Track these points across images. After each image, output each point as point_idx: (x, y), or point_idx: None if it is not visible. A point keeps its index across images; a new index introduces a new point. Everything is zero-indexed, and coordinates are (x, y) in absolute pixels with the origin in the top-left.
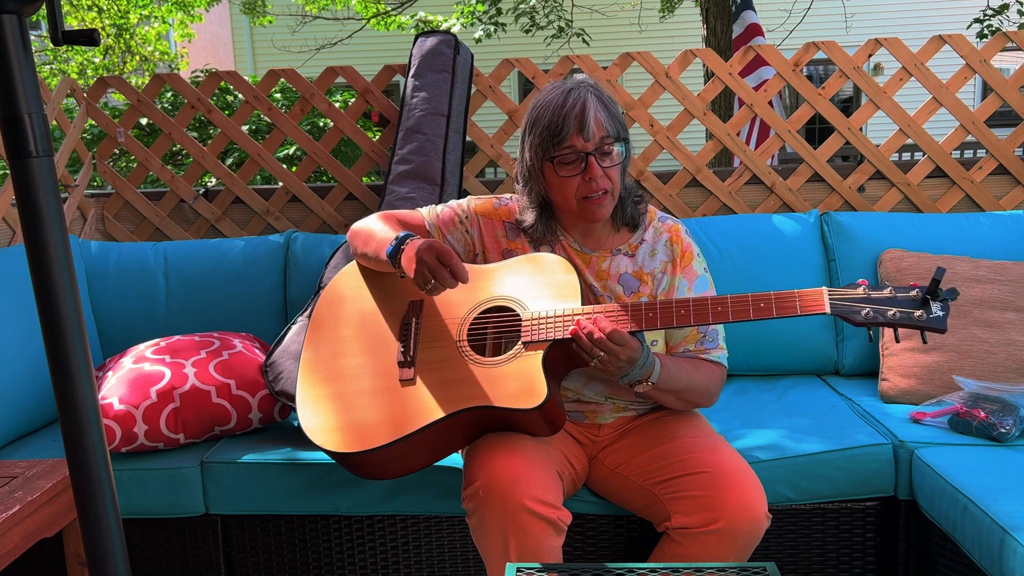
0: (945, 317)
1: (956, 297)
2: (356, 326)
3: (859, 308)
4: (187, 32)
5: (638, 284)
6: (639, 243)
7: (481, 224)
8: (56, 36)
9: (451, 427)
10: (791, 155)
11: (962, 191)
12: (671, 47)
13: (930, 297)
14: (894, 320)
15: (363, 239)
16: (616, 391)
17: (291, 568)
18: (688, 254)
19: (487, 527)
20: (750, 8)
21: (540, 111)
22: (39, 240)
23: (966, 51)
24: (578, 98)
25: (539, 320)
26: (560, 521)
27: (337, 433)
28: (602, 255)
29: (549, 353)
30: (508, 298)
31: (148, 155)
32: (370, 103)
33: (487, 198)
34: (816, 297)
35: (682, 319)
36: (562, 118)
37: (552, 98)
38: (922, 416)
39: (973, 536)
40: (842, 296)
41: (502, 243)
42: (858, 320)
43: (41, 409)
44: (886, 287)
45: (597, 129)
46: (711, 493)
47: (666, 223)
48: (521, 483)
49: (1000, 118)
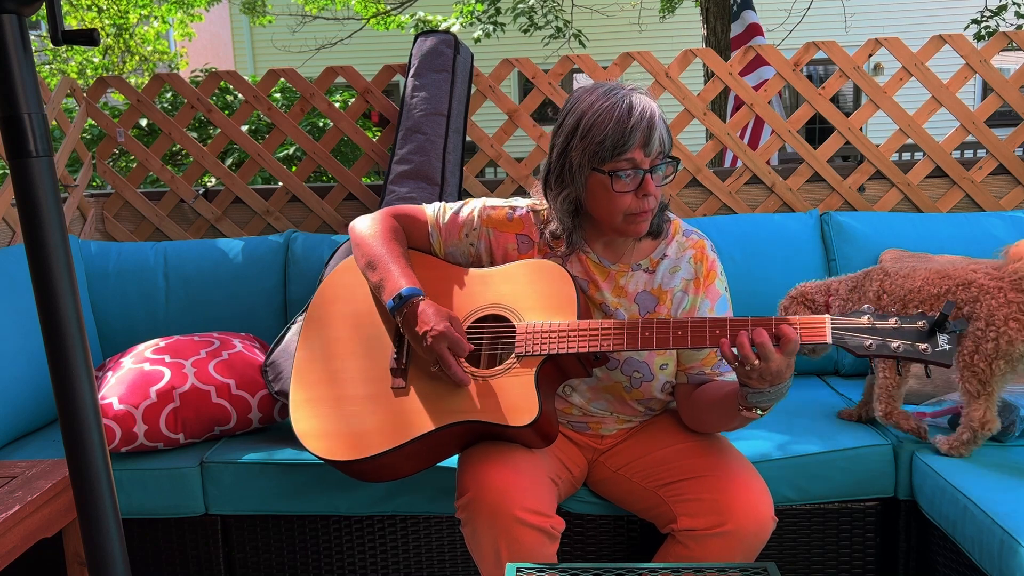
0: (952, 351)
1: (966, 328)
2: (350, 327)
3: (862, 339)
4: (187, 32)
5: (655, 303)
6: (660, 258)
7: (491, 236)
8: (56, 36)
9: (443, 438)
10: (791, 155)
11: (962, 191)
12: (671, 47)
13: (937, 329)
14: (898, 353)
15: (364, 257)
16: (622, 407)
17: (291, 568)
18: (712, 273)
19: (480, 537)
20: (750, 8)
21: (599, 116)
22: (39, 240)
23: (966, 51)
24: (646, 110)
25: (534, 332)
26: (553, 529)
27: (329, 439)
28: (622, 269)
29: (543, 368)
30: (503, 306)
31: (148, 155)
32: (370, 103)
33: (500, 207)
34: (818, 326)
35: (678, 340)
36: (629, 129)
37: (612, 104)
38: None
39: (973, 536)
40: (845, 325)
41: (512, 256)
42: (860, 352)
43: (41, 409)
44: (892, 317)
45: (659, 145)
46: (718, 496)
47: (691, 238)
48: (512, 493)
49: (1000, 118)
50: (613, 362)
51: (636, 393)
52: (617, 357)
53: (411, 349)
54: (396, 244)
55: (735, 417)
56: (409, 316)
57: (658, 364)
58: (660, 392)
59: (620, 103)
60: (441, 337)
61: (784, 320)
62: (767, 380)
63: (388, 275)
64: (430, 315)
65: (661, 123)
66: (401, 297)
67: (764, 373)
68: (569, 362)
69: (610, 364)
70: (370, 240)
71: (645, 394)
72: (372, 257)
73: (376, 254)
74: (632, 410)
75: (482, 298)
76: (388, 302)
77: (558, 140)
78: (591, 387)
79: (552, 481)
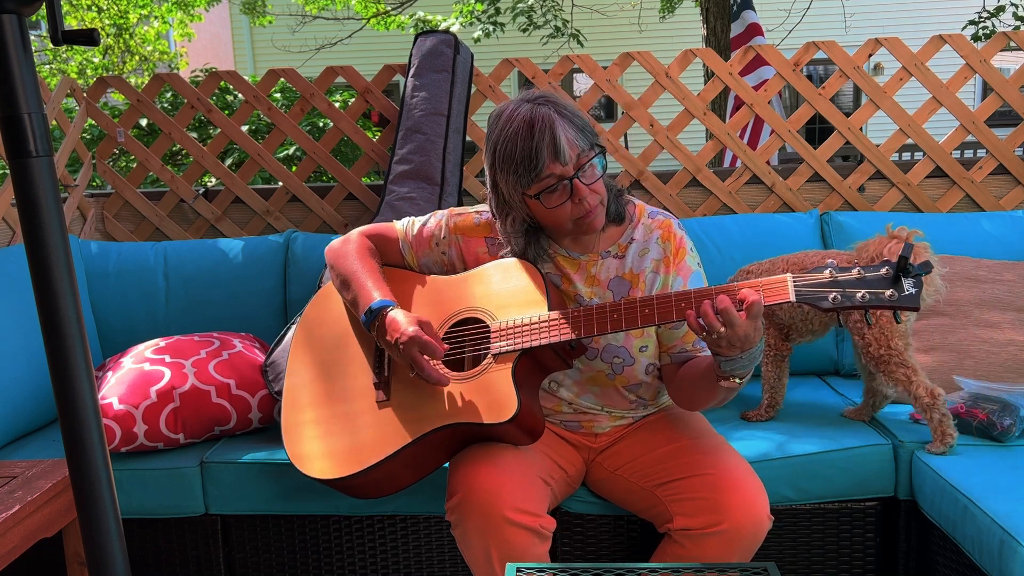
0: (918, 294)
1: (930, 270)
2: (334, 348)
3: (825, 293)
4: (187, 32)
5: (628, 287)
6: (628, 243)
7: (461, 243)
8: (56, 36)
9: (429, 445)
10: (791, 155)
11: (962, 191)
12: (671, 47)
13: (901, 275)
14: (864, 302)
15: (339, 277)
16: (611, 399)
17: (291, 568)
18: (682, 250)
19: (470, 539)
20: (750, 8)
21: (507, 145)
22: (39, 240)
23: (966, 51)
24: (544, 123)
25: (507, 330)
26: (543, 529)
27: (320, 460)
28: (591, 259)
29: (519, 363)
30: (477, 308)
31: (148, 155)
32: (370, 103)
33: (466, 213)
34: (780, 285)
35: (646, 319)
36: (534, 149)
37: (515, 129)
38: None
39: (973, 536)
40: (807, 282)
41: (484, 259)
42: (826, 306)
43: (41, 409)
44: (854, 268)
45: (571, 149)
46: (714, 495)
47: (656, 219)
48: (500, 493)
49: (1000, 118)
50: (592, 351)
51: (620, 379)
52: (595, 346)
53: (391, 362)
54: (369, 259)
55: (716, 389)
56: (381, 327)
57: (637, 347)
58: (644, 375)
59: (520, 125)
60: (411, 342)
61: (746, 284)
62: (736, 347)
63: (361, 290)
64: (400, 322)
65: (564, 126)
66: (371, 311)
67: (732, 339)
68: (545, 355)
69: (589, 354)
70: (343, 259)
71: (630, 379)
72: (345, 275)
73: (348, 272)
74: (622, 401)
75: (457, 303)
76: (361, 317)
77: (487, 174)
78: (576, 380)
79: (543, 481)
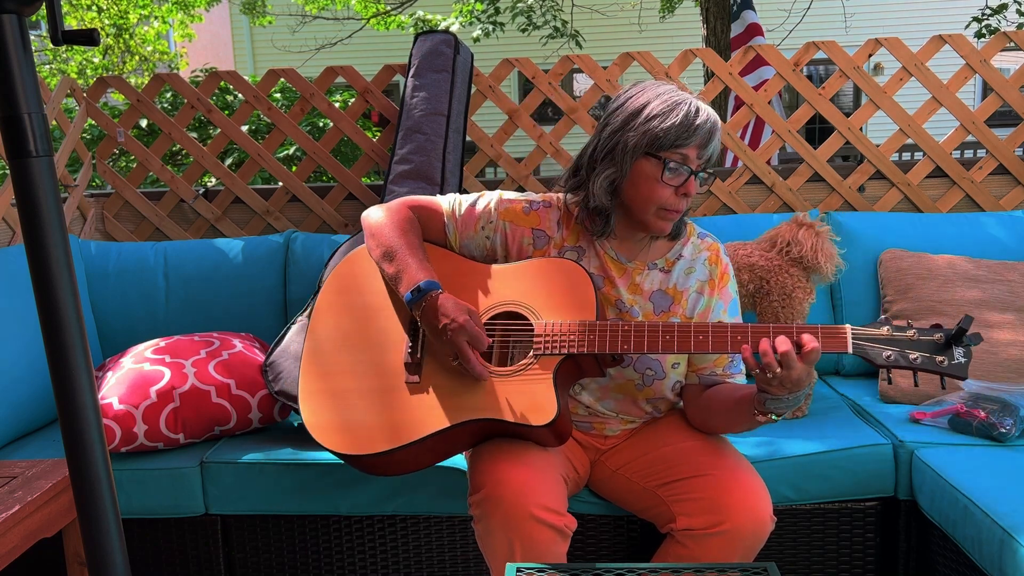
0: (967, 364)
1: (980, 342)
2: (363, 318)
3: (881, 350)
4: (187, 32)
5: (670, 302)
6: (676, 259)
7: (507, 230)
8: (56, 36)
9: (458, 435)
10: (791, 155)
11: (962, 191)
12: (671, 47)
13: (953, 342)
14: (916, 365)
15: (380, 248)
16: (628, 408)
17: (291, 568)
18: (726, 275)
19: (494, 535)
20: (750, 8)
21: (667, 107)
22: (39, 240)
23: (966, 51)
24: (711, 117)
25: (552, 331)
26: (566, 528)
27: (341, 433)
28: (638, 267)
29: (561, 367)
30: (520, 304)
31: (148, 155)
32: (370, 103)
33: (518, 200)
34: (840, 337)
35: (700, 345)
36: (693, 127)
37: (680, 101)
38: (922, 416)
39: (973, 536)
40: (866, 335)
41: (527, 251)
42: (879, 363)
43: (41, 409)
44: (910, 329)
45: (711, 153)
46: (716, 495)
47: (706, 240)
48: (529, 491)
49: (1000, 118)
50: (627, 359)
51: (647, 391)
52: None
53: (425, 343)
54: (413, 235)
55: (747, 420)
56: (428, 309)
57: (670, 363)
58: (670, 392)
59: (688, 103)
60: (461, 330)
61: (805, 328)
62: (787, 388)
63: (406, 266)
64: (450, 308)
65: (719, 135)
66: (420, 290)
67: (785, 380)
68: (586, 362)
69: (624, 362)
70: (386, 230)
71: (656, 392)
72: (388, 247)
73: (393, 245)
74: (639, 411)
75: (499, 294)
76: (406, 294)
77: (615, 119)
78: (601, 386)
79: (563, 479)
